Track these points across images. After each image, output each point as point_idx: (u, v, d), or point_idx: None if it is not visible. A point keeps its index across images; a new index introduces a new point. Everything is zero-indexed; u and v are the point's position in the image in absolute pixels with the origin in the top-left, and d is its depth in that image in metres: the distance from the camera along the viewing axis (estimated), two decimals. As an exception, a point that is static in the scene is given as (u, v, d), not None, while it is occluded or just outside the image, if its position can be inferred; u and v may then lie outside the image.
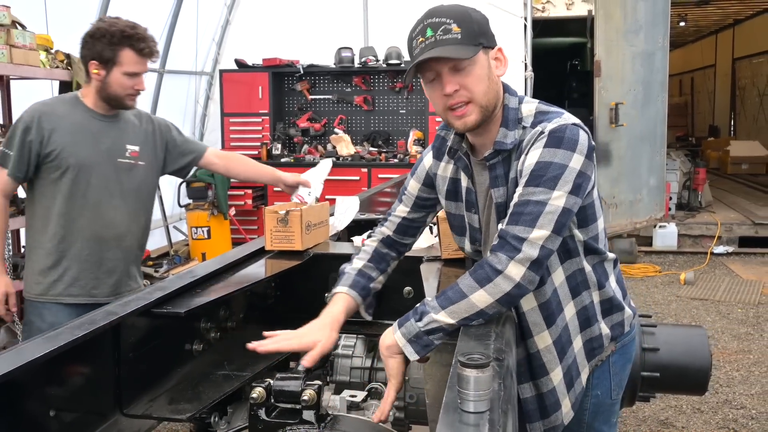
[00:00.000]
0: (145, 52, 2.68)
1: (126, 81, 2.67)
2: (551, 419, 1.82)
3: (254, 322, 2.39)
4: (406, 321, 1.57)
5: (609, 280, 1.84)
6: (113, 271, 2.80)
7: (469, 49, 1.59)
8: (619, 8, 7.45)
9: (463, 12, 1.63)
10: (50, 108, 2.72)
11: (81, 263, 2.73)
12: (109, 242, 2.78)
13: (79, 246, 2.73)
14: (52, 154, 2.66)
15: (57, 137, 2.67)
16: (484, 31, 1.64)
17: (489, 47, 1.66)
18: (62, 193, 2.70)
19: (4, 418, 1.40)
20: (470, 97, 1.63)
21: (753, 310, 5.96)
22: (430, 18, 1.62)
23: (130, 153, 2.81)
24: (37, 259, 2.76)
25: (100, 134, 2.74)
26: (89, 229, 2.74)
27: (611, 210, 7.78)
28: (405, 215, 1.96)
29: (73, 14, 6.14)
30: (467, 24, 1.60)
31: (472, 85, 1.62)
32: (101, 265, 2.77)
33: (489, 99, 1.65)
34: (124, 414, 1.73)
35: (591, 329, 1.82)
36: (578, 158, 1.58)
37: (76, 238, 2.73)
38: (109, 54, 2.63)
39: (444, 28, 1.59)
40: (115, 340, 1.72)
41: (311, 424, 1.62)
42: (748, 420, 3.90)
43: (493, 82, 1.66)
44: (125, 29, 2.63)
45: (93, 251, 2.74)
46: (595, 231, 1.76)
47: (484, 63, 1.64)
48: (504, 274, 1.51)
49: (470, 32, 1.60)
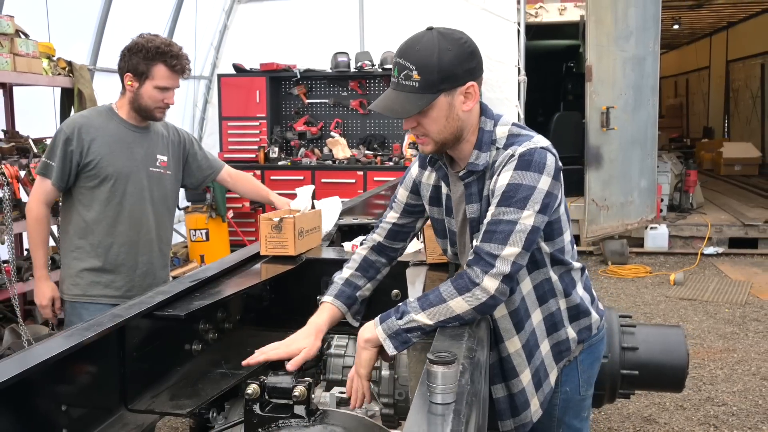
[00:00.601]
0: (177, 68, 2.84)
1: (157, 94, 2.83)
2: (521, 417, 1.98)
3: (250, 323, 2.52)
4: (387, 318, 1.70)
5: (576, 288, 1.98)
6: (146, 274, 2.99)
7: (421, 99, 1.71)
8: (610, 14, 7.57)
9: (428, 58, 1.70)
10: (88, 120, 2.88)
11: (117, 266, 2.92)
12: (142, 247, 2.96)
13: (116, 250, 2.91)
14: (91, 163, 2.83)
15: (96, 147, 2.83)
16: (449, 75, 1.72)
17: (455, 87, 1.75)
18: (99, 201, 2.87)
19: (22, 412, 1.53)
20: (425, 133, 1.79)
21: (740, 310, 6.10)
22: (400, 58, 1.73)
23: (160, 163, 3.00)
24: (74, 262, 2.92)
25: (134, 144, 2.92)
26: (125, 234, 2.91)
27: (603, 212, 7.91)
28: (395, 221, 2.10)
29: (74, 22, 6.28)
30: (428, 73, 1.70)
31: (428, 125, 1.77)
32: (136, 268, 2.95)
33: (445, 136, 1.80)
34: (129, 409, 1.86)
35: (558, 333, 1.97)
36: (546, 179, 1.72)
37: (112, 243, 2.90)
38: (143, 68, 2.80)
39: (406, 74, 1.71)
40: (120, 341, 1.85)
41: (302, 417, 1.75)
42: (729, 416, 4.04)
43: (453, 120, 1.78)
44: (161, 46, 2.80)
45: (128, 255, 2.93)
46: (561, 244, 1.90)
47: (442, 105, 1.75)
48: (480, 286, 1.66)
49: (429, 82, 1.70)
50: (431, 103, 1.73)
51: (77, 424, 1.69)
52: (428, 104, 1.73)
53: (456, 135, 1.81)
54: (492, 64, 8.27)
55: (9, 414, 1.49)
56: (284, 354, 1.83)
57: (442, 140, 1.80)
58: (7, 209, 4.38)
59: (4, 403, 1.47)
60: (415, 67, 1.70)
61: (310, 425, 1.73)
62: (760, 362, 4.87)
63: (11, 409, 1.49)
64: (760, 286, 6.89)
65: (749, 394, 4.34)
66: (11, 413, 1.50)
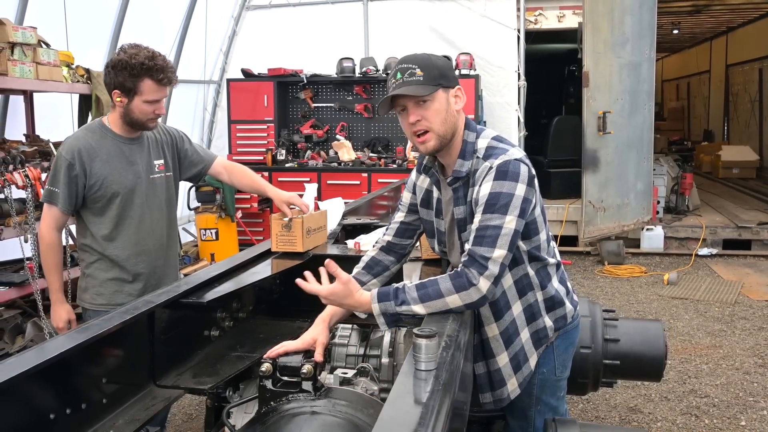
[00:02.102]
0: (164, 81, 2.83)
1: (147, 108, 2.84)
2: (498, 393, 2.26)
3: (262, 313, 2.79)
4: (386, 299, 1.94)
5: (551, 281, 2.24)
6: (163, 275, 3.09)
7: (427, 87, 2.00)
8: (607, 21, 7.81)
9: (426, 59, 2.04)
10: (85, 142, 2.88)
11: (137, 275, 2.99)
12: (157, 252, 3.05)
13: (134, 260, 2.98)
14: (96, 185, 2.87)
15: (97, 169, 2.86)
16: (444, 74, 2.05)
17: (449, 87, 2.06)
18: (110, 217, 2.92)
19: (69, 383, 1.79)
20: (429, 126, 2.04)
21: (729, 308, 6.33)
22: (401, 64, 2.04)
23: (158, 167, 3.05)
24: (97, 272, 2.97)
25: (132, 157, 2.95)
26: (140, 244, 2.98)
27: (600, 213, 8.15)
28: (402, 219, 2.37)
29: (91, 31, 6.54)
30: (428, 69, 2.01)
31: (431, 116, 2.04)
32: (153, 273, 3.04)
33: (446, 129, 2.06)
34: (157, 385, 2.12)
35: (536, 323, 2.24)
36: (521, 186, 1.99)
37: (129, 254, 2.96)
38: (131, 84, 2.78)
39: (410, 72, 2.00)
40: (150, 325, 2.12)
41: (309, 392, 2.00)
42: (710, 407, 4.28)
43: (451, 115, 2.07)
44: (145, 61, 2.77)
45: (147, 263, 3.01)
46: (538, 242, 2.16)
47: (442, 99, 2.04)
48: (477, 287, 1.92)
49: (431, 76, 2.01)
50: (434, 95, 2.02)
51: (114, 395, 1.96)
52: (433, 93, 2.01)
53: (452, 132, 2.08)
54: (493, 70, 8.54)
55: (58, 384, 1.75)
56: (301, 345, 2.06)
57: (443, 134, 2.06)
58: (30, 209, 4.65)
59: (53, 375, 1.72)
60: (417, 66, 2.01)
61: (316, 399, 1.98)
62: (744, 358, 5.10)
63: (60, 380, 1.75)
64: (750, 286, 7.11)
65: (731, 387, 4.57)
66: (60, 384, 1.76)
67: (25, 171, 4.63)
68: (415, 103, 2.03)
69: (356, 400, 1.99)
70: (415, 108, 2.03)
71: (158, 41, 7.69)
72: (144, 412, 1.97)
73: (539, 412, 2.32)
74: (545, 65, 11.69)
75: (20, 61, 4.79)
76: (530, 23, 8.85)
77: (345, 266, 2.37)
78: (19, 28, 4.84)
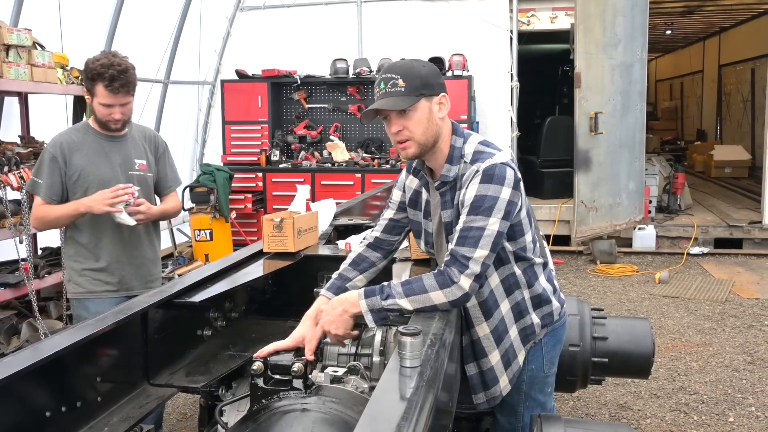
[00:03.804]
0: (112, 89, 3.00)
1: (103, 110, 3.06)
2: (491, 391, 2.31)
3: (254, 313, 2.83)
4: (372, 295, 1.98)
5: (538, 280, 2.29)
6: (140, 266, 3.29)
7: (408, 99, 2.03)
8: (599, 23, 7.86)
9: (409, 69, 2.06)
10: (68, 137, 3.16)
11: (114, 264, 3.20)
12: (134, 243, 3.25)
13: (108, 250, 3.19)
14: (74, 175, 3.11)
15: (77, 161, 3.11)
16: (427, 83, 2.07)
17: (432, 95, 2.09)
18: None
19: (65, 382, 1.83)
20: (410, 136, 2.08)
21: (719, 307, 6.39)
22: (385, 74, 2.07)
23: (139, 166, 3.26)
24: (74, 264, 3.23)
25: (111, 152, 3.19)
26: (116, 234, 3.19)
27: (592, 213, 8.21)
28: (392, 216, 2.41)
29: (86, 33, 6.56)
30: (411, 79, 2.04)
31: (412, 126, 2.07)
32: (130, 263, 3.24)
33: (427, 137, 2.10)
34: (151, 383, 2.16)
35: (524, 320, 2.29)
36: (507, 190, 2.03)
37: (107, 243, 3.18)
38: (89, 86, 3.05)
39: (392, 83, 2.04)
40: (144, 325, 2.16)
41: (300, 390, 2.04)
42: (699, 404, 4.33)
43: (433, 123, 2.10)
44: (98, 68, 2.97)
45: (121, 253, 3.22)
46: (523, 243, 2.21)
47: (424, 109, 2.07)
48: (458, 285, 1.96)
49: (412, 86, 2.04)
50: (415, 105, 2.04)
51: (109, 394, 1.99)
52: (413, 104, 2.04)
53: (434, 139, 2.12)
54: (485, 70, 8.59)
55: (54, 383, 1.79)
56: (291, 343, 2.10)
57: (424, 142, 2.10)
58: (25, 211, 4.68)
59: (49, 374, 1.76)
60: (400, 76, 2.04)
61: (307, 396, 2.02)
62: (733, 355, 5.16)
63: (55, 379, 1.79)
64: (741, 284, 7.18)
65: (720, 384, 4.63)
66: (56, 383, 1.79)
67: (20, 172, 4.66)
68: (397, 114, 2.06)
69: (346, 398, 2.03)
70: (396, 118, 2.07)
71: (153, 43, 7.73)
72: (138, 410, 2.01)
73: (528, 408, 2.37)
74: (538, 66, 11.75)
75: (15, 63, 4.82)
76: (523, 24, 8.90)
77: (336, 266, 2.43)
78: (14, 30, 4.87)
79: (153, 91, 7.89)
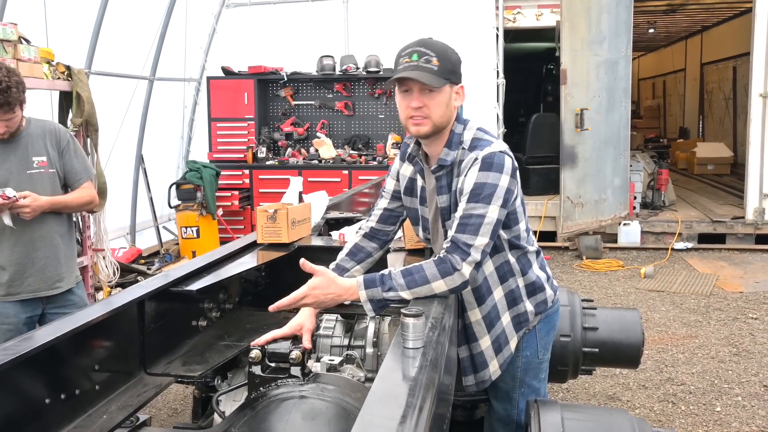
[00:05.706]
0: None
1: None
2: (481, 374, 2.34)
3: (248, 304, 2.83)
4: (372, 286, 1.99)
5: (532, 268, 2.31)
6: (45, 267, 3.24)
7: (440, 80, 2.05)
8: (584, 20, 7.92)
9: (444, 51, 2.08)
10: None
11: (15, 265, 3.18)
12: (36, 243, 3.22)
13: (10, 251, 3.16)
14: None
15: None
16: (455, 70, 2.10)
17: (455, 83, 2.12)
18: None
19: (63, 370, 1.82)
20: (429, 114, 2.09)
21: (704, 300, 6.46)
22: (420, 47, 2.07)
23: (38, 163, 3.23)
24: None
25: (5, 155, 3.16)
26: (17, 234, 3.16)
27: (577, 209, 8.27)
28: (386, 206, 2.42)
29: (71, 28, 6.51)
30: (444, 62, 2.06)
31: (434, 106, 2.09)
32: (33, 264, 3.21)
33: (443, 120, 2.12)
34: (148, 373, 2.16)
35: (517, 307, 2.31)
36: (505, 178, 2.05)
37: (7, 244, 3.17)
38: None
39: (427, 59, 2.04)
40: (141, 314, 2.15)
41: (297, 377, 2.05)
42: (686, 394, 4.39)
43: (449, 109, 2.13)
44: None
45: (24, 253, 3.19)
46: (518, 231, 2.23)
47: (447, 93, 2.10)
48: (460, 272, 1.98)
49: (445, 69, 2.06)
50: (442, 87, 2.06)
51: (106, 382, 1.99)
52: (443, 86, 2.06)
53: (446, 124, 2.14)
54: (471, 67, 8.61)
55: (53, 371, 1.78)
56: (288, 332, 2.11)
57: (439, 124, 2.11)
58: (10, 206, 4.63)
59: (48, 362, 1.76)
60: (435, 55, 2.05)
61: (304, 384, 2.03)
62: (719, 347, 5.22)
63: (55, 367, 1.79)
64: (725, 278, 7.26)
65: (707, 375, 4.69)
66: (55, 371, 1.79)
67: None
68: (422, 90, 2.07)
69: (344, 385, 2.04)
70: (420, 94, 2.07)
71: (138, 39, 7.69)
72: (136, 399, 2.00)
73: (523, 394, 2.39)
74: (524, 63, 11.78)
75: (0, 57, 4.76)
76: (509, 21, 8.95)
77: (330, 257, 2.44)
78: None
79: (138, 87, 7.85)
